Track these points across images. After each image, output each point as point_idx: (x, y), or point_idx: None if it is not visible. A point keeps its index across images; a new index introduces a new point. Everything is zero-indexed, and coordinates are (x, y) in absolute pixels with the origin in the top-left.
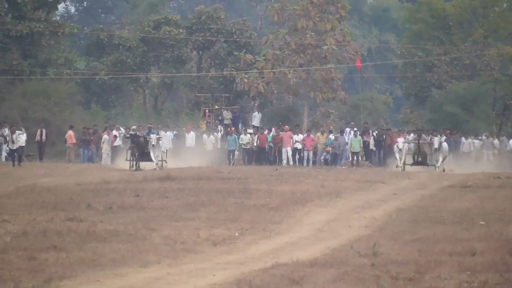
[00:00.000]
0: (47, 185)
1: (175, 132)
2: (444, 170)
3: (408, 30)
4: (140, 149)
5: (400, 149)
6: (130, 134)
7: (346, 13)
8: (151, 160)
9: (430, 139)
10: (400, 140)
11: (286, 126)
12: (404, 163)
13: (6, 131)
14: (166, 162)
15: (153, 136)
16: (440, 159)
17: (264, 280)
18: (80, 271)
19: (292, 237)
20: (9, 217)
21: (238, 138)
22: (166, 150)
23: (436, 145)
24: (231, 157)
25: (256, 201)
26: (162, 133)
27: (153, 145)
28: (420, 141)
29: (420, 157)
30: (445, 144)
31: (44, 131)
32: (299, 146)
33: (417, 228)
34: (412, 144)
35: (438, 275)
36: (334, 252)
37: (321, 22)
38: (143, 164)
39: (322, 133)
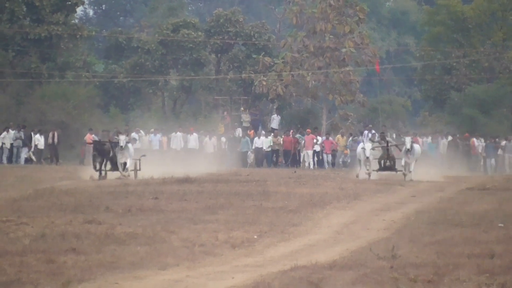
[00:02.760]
0: (66, 187)
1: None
2: (411, 179)
3: (427, 32)
4: (103, 157)
5: (367, 157)
6: (93, 141)
7: (365, 16)
8: (117, 168)
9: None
10: (368, 145)
11: (309, 129)
12: (370, 170)
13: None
14: (139, 170)
15: (121, 137)
16: (413, 164)
17: (283, 282)
18: (98, 274)
19: (311, 240)
20: (27, 219)
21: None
22: (139, 159)
23: (408, 145)
24: (247, 159)
25: (274, 204)
26: (173, 134)
27: (121, 146)
28: (390, 143)
29: (388, 162)
30: (417, 146)
31: (56, 133)
32: (317, 148)
33: (435, 230)
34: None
35: (456, 278)
36: (353, 254)
37: (339, 25)
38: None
39: (342, 136)
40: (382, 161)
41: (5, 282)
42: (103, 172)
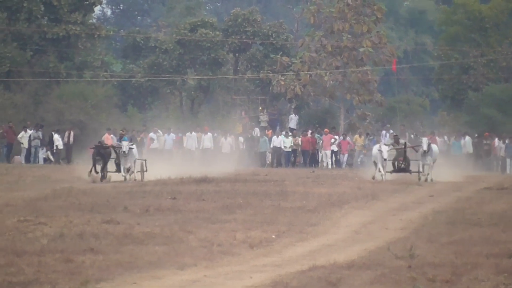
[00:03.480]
0: (84, 187)
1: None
2: (432, 179)
3: (445, 32)
4: (105, 161)
5: (385, 159)
6: (95, 145)
7: (382, 16)
8: (119, 170)
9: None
10: (385, 147)
11: (326, 129)
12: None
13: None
14: (146, 171)
15: (124, 143)
16: (431, 165)
17: (301, 282)
18: (117, 274)
19: (329, 239)
20: (46, 219)
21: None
22: (145, 160)
23: (425, 147)
24: (266, 159)
25: (293, 203)
26: (187, 134)
27: (124, 151)
28: (406, 145)
29: (403, 163)
30: (434, 146)
31: (72, 133)
32: (335, 148)
33: (453, 230)
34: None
35: (475, 277)
36: (371, 254)
37: (357, 25)
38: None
39: (360, 136)
40: (396, 163)
41: (23, 282)
42: (106, 174)
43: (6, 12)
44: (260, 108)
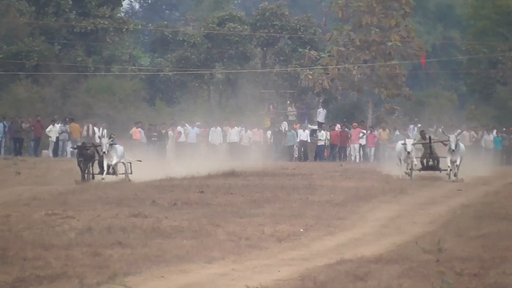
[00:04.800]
0: (112, 181)
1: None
2: (457, 178)
3: (473, 26)
4: (88, 162)
5: (409, 152)
6: (77, 146)
7: (411, 10)
8: (103, 171)
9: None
10: (409, 141)
11: (355, 123)
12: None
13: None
14: (130, 173)
15: (104, 141)
16: (458, 162)
17: (329, 276)
18: (144, 267)
19: (357, 233)
20: (73, 213)
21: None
22: (130, 162)
23: (452, 146)
24: (294, 153)
25: (320, 197)
26: (212, 128)
27: (104, 152)
28: (433, 141)
29: (431, 161)
30: (462, 144)
31: (91, 126)
32: (363, 142)
33: (481, 224)
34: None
35: (503, 271)
36: (398, 248)
37: (385, 19)
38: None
39: (384, 129)
40: (425, 160)
41: (51, 275)
42: (89, 176)
43: (34, 6)
44: (288, 102)
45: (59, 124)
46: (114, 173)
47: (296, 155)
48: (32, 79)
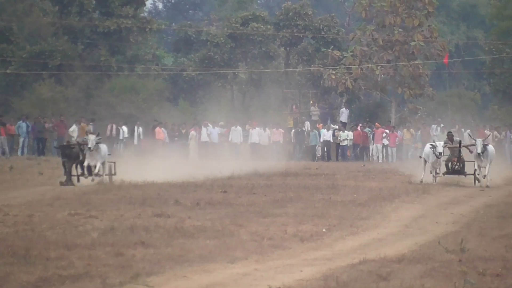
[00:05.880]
0: (135, 181)
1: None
2: (487, 185)
3: (496, 26)
4: (72, 161)
5: (439, 154)
6: (60, 145)
7: (434, 9)
8: (89, 170)
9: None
10: (439, 143)
11: (377, 123)
12: (435, 173)
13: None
14: (114, 174)
15: (90, 137)
16: (487, 167)
17: (352, 276)
18: (167, 267)
19: (380, 233)
20: (96, 213)
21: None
22: (114, 162)
23: (479, 149)
24: (316, 153)
25: (343, 197)
26: (232, 128)
27: (90, 148)
28: (461, 144)
29: (457, 165)
30: (490, 147)
31: (114, 126)
32: (385, 142)
33: (504, 224)
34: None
35: None
36: (421, 248)
37: (408, 19)
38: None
39: (408, 130)
40: (450, 164)
41: (73, 275)
42: (73, 177)
43: (57, 6)
44: (311, 102)
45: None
46: (95, 173)
47: (319, 155)
48: (55, 78)
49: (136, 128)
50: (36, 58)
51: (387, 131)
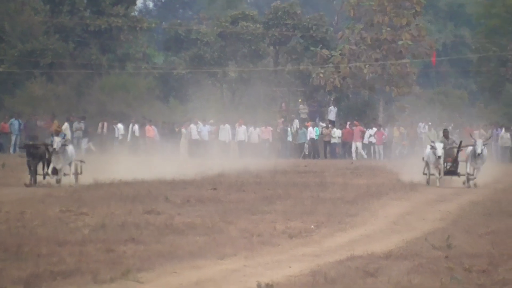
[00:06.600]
0: (125, 178)
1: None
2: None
3: (483, 25)
4: (37, 161)
5: (439, 157)
6: (25, 144)
7: (422, 9)
8: (55, 172)
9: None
10: (439, 145)
11: (356, 122)
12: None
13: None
14: (80, 173)
15: (56, 139)
16: (480, 168)
17: (339, 272)
18: (157, 263)
19: (367, 230)
20: (87, 210)
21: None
22: (81, 161)
23: (479, 150)
24: (305, 150)
25: (331, 194)
26: (221, 126)
27: (55, 148)
28: (461, 145)
29: (452, 165)
30: (485, 149)
31: (106, 124)
32: (373, 140)
33: (490, 221)
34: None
35: (511, 268)
36: (408, 244)
37: (396, 18)
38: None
39: (398, 128)
40: (445, 164)
41: (65, 271)
42: (38, 177)
43: (49, 5)
44: (300, 100)
45: (74, 122)
46: (59, 174)
47: (307, 153)
48: (47, 77)
49: (131, 125)
50: (28, 56)
51: (373, 129)
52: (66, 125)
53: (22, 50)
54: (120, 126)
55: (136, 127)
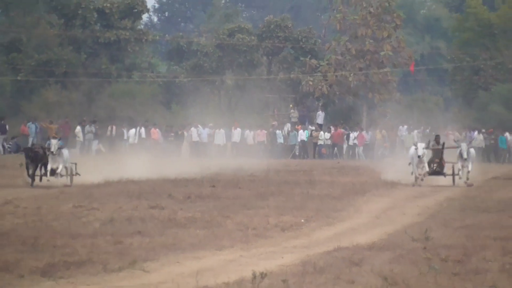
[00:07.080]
0: (132, 176)
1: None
2: (471, 183)
3: (457, 37)
4: (36, 164)
5: (420, 156)
6: (24, 148)
7: (401, 22)
8: (53, 173)
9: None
10: (421, 145)
11: (336, 126)
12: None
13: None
14: (75, 175)
15: (53, 142)
16: (470, 168)
17: (327, 262)
18: (162, 254)
19: (352, 224)
20: (98, 205)
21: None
22: (75, 163)
23: (464, 155)
24: (296, 151)
25: (320, 191)
26: (217, 130)
27: (52, 152)
28: (444, 146)
29: (438, 166)
30: (472, 150)
31: (114, 127)
32: (349, 142)
33: (465, 216)
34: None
35: (483, 258)
36: (390, 237)
37: (378, 30)
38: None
39: (380, 131)
40: (432, 165)
41: (77, 261)
42: (36, 179)
43: (63, 19)
44: (291, 105)
45: (86, 125)
46: (56, 175)
47: (297, 153)
48: (61, 84)
49: (138, 128)
50: (43, 66)
51: (355, 132)
52: (78, 128)
53: (38, 60)
54: (132, 131)
55: (143, 130)
